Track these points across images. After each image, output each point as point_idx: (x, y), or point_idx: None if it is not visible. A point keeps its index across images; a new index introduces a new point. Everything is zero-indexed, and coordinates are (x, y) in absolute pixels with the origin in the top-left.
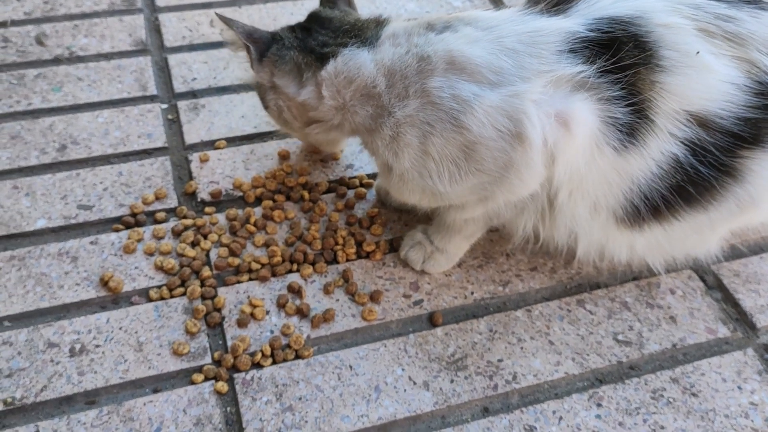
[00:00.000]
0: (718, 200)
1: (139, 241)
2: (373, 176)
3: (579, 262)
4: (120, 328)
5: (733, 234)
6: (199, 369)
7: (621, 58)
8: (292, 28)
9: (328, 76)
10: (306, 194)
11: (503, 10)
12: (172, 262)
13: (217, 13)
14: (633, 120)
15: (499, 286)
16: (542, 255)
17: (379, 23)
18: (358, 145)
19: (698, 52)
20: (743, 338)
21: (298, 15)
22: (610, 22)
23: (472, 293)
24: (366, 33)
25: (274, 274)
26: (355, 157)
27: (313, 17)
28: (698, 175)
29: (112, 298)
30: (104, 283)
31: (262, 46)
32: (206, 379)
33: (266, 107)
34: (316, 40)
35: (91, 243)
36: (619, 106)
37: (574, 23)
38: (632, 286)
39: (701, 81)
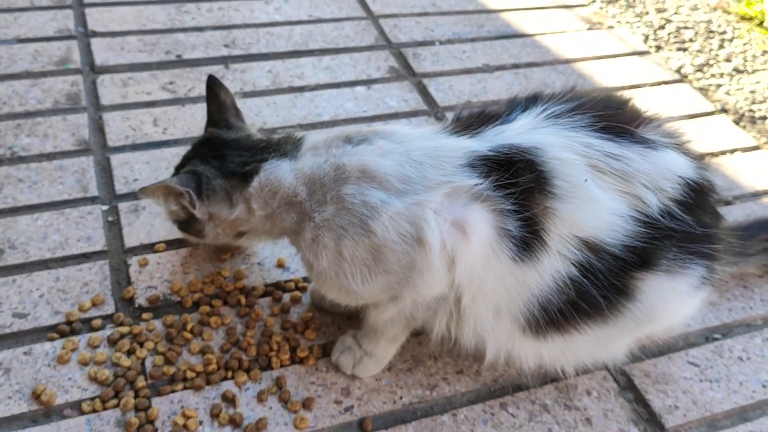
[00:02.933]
0: (615, 316)
1: (73, 350)
2: (308, 279)
3: (488, 365)
4: None
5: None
6: None
7: (515, 176)
8: (204, 160)
9: (255, 191)
10: (243, 299)
11: (422, 127)
12: (106, 373)
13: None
14: (526, 235)
15: (427, 390)
16: (467, 357)
17: (297, 139)
18: (294, 248)
19: (586, 180)
20: None
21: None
22: (511, 148)
23: (401, 398)
24: (285, 147)
25: (209, 383)
26: (291, 260)
27: (216, 142)
28: (591, 294)
29: (44, 411)
30: (36, 396)
31: (195, 185)
32: None
33: (202, 238)
34: (234, 163)
35: (25, 353)
36: (511, 219)
37: (477, 144)
38: (551, 388)
39: (589, 211)
